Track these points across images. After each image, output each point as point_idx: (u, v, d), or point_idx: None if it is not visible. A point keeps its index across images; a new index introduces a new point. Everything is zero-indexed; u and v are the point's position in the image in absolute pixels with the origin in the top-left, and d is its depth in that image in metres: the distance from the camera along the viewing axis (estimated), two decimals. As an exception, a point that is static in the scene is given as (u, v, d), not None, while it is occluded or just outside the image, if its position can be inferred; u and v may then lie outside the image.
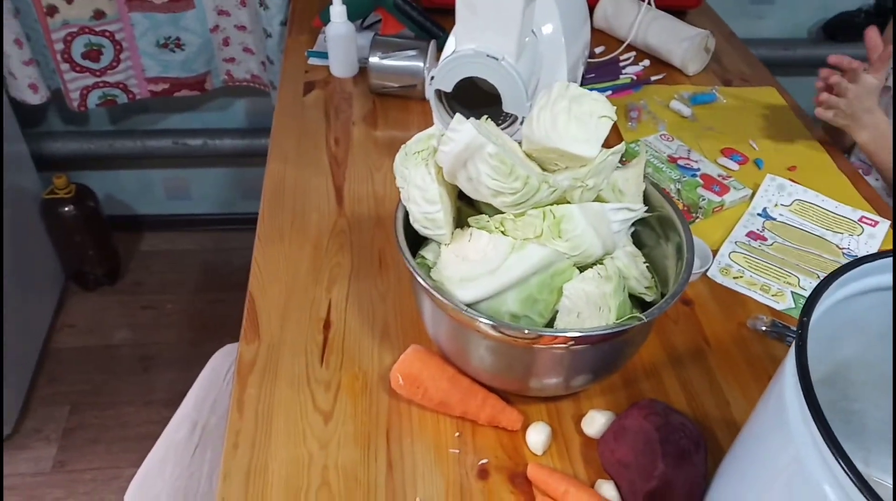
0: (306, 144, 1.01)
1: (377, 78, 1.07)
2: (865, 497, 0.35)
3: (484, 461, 0.65)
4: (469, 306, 0.59)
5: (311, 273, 0.82)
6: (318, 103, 1.09)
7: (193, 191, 1.96)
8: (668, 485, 0.57)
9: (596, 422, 0.66)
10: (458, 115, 0.57)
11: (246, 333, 0.75)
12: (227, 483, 0.62)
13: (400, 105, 0.63)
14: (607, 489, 0.61)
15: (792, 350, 0.44)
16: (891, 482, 0.62)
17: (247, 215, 1.83)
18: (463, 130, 0.56)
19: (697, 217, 0.92)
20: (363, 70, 1.14)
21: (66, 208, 1.68)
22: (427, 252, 0.67)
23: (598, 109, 0.62)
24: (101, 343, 1.75)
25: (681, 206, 0.92)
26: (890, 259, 0.51)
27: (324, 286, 0.81)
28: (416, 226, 0.64)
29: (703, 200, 0.92)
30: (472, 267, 0.60)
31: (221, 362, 1.11)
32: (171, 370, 1.68)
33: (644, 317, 0.58)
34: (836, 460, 0.37)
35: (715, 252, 0.86)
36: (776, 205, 0.93)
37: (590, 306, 0.58)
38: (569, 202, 0.61)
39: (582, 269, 0.61)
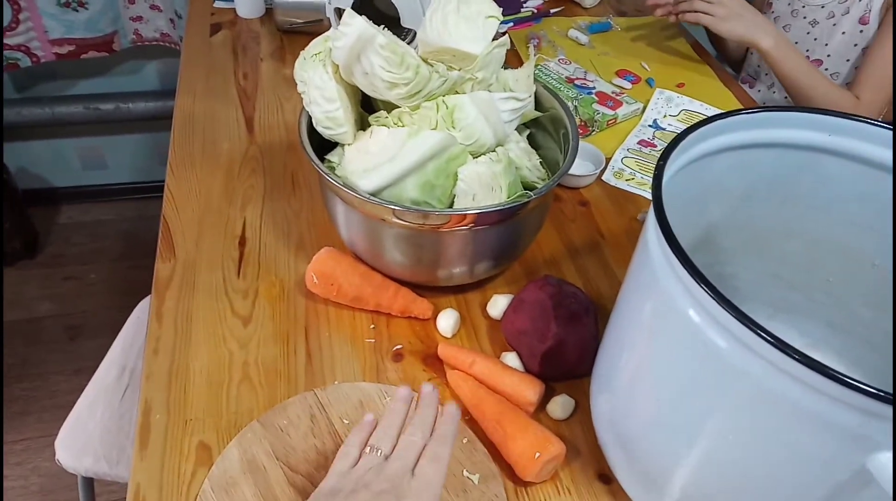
0: (215, 79, 1.02)
1: (283, 15, 1.08)
2: (725, 309, 0.40)
3: (398, 346, 0.69)
4: (372, 194, 0.63)
5: (224, 196, 0.84)
6: (226, 43, 1.10)
7: (109, 160, 1.92)
8: (561, 344, 0.63)
9: (499, 304, 0.71)
10: (348, 10, 0.60)
11: (161, 252, 0.77)
12: (150, 383, 0.65)
13: (307, 41, 0.65)
14: (510, 358, 0.66)
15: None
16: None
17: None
18: (354, 24, 0.60)
19: (593, 130, 0.98)
20: (269, 10, 1.15)
21: (-26, 181, 1.62)
22: (333, 156, 0.70)
23: (485, 9, 0.66)
24: (25, 317, 1.71)
25: (578, 121, 0.98)
26: (742, 117, 0.56)
27: (238, 207, 0.83)
28: (319, 129, 0.67)
29: (598, 114, 0.98)
30: (372, 158, 0.63)
31: (146, 309, 1.12)
32: (99, 337, 1.66)
33: (532, 194, 0.63)
34: (695, 281, 0.42)
35: (609, 159, 0.93)
36: (665, 116, 1.00)
37: (483, 187, 0.63)
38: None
39: (476, 157, 0.65)
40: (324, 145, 0.70)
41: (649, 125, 0.99)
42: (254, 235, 0.80)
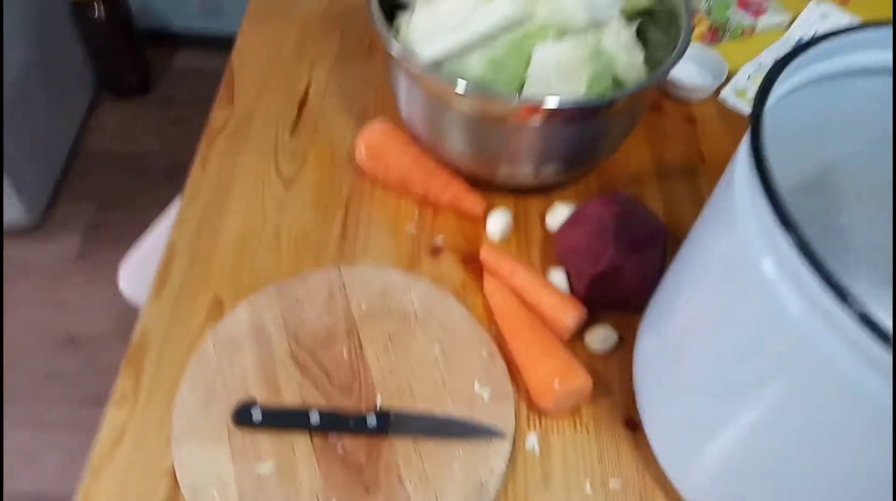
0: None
1: None
2: (810, 267, 0.32)
3: (439, 241, 0.63)
4: (433, 64, 0.55)
5: (294, 52, 0.79)
6: None
7: (227, 4, 1.91)
8: (614, 272, 0.55)
9: (558, 214, 0.63)
10: None
11: (221, 99, 0.73)
12: (180, 227, 0.63)
13: None
14: (557, 276, 0.59)
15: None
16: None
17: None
18: None
19: (723, 37, 0.84)
20: None
21: (97, 13, 1.65)
22: (402, 21, 0.62)
23: None
24: (130, 150, 1.78)
25: (707, 25, 0.84)
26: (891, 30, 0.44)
27: (306, 65, 0.77)
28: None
29: (733, 20, 0.83)
30: (438, 22, 0.55)
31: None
32: (193, 183, 1.71)
33: (617, 94, 0.53)
34: (776, 220, 0.33)
35: (733, 74, 0.79)
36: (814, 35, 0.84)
37: (559, 74, 0.54)
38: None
39: (558, 38, 0.56)
40: (393, 13, 0.62)
41: (794, 43, 0.84)
42: (316, 97, 0.74)
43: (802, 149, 0.52)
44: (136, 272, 1.01)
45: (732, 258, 0.40)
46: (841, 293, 0.30)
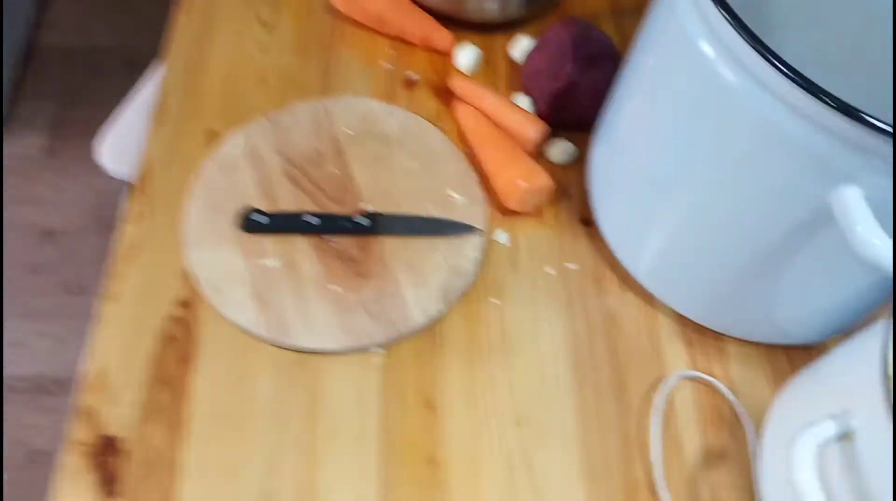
0: None
1: None
2: (746, 41, 0.38)
3: (413, 75, 0.68)
4: None
5: None
6: None
7: None
8: (572, 86, 0.61)
9: (521, 44, 0.69)
10: None
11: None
12: (171, 70, 0.67)
13: None
14: (521, 100, 0.65)
15: None
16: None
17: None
18: None
19: None
20: None
21: None
22: None
23: None
24: (85, 44, 1.76)
25: None
26: None
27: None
28: None
29: None
30: None
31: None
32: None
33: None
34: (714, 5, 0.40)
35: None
36: None
37: None
38: None
39: None
40: None
41: None
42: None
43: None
44: (117, 147, 1.04)
45: (671, 46, 0.46)
46: (769, 54, 0.37)
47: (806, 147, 0.39)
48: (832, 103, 0.36)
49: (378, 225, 0.57)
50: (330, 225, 0.57)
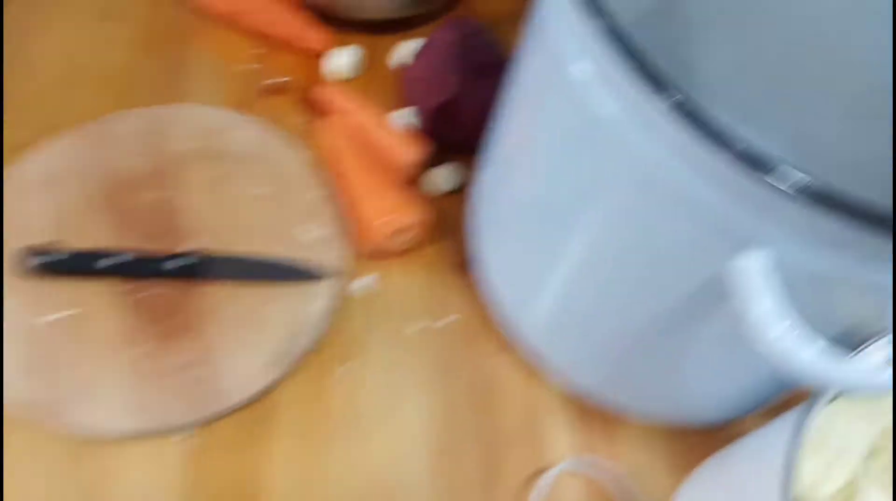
0: None
1: None
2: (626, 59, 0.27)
3: (277, 80, 0.57)
4: None
5: None
6: None
7: None
8: (458, 100, 0.50)
9: (405, 49, 0.57)
10: None
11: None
12: (-25, 66, 0.55)
13: None
14: (404, 114, 0.54)
15: None
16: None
17: None
18: None
19: None
20: None
21: None
22: None
23: None
24: None
25: None
26: None
27: None
28: None
29: None
30: None
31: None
32: None
33: None
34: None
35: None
36: None
37: None
38: None
39: None
40: None
41: None
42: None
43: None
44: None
45: (542, 69, 0.36)
46: (655, 80, 0.26)
47: (693, 200, 0.29)
48: (725, 147, 0.25)
49: (202, 269, 0.46)
50: (137, 268, 0.45)
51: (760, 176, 0.25)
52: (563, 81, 0.32)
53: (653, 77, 0.26)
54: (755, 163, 0.25)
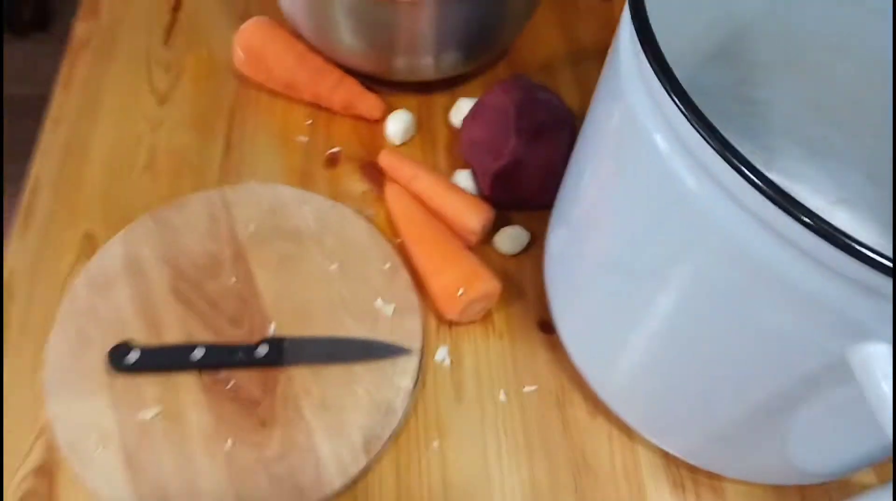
0: None
1: None
2: (705, 139, 0.27)
3: (334, 149, 0.57)
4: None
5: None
6: None
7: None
8: (519, 164, 0.50)
9: (462, 109, 0.57)
10: None
11: (84, 9, 0.65)
12: (43, 158, 0.56)
13: None
14: (462, 177, 0.54)
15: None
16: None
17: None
18: None
19: None
20: None
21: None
22: None
23: None
24: (35, 92, 1.65)
25: None
26: None
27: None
28: None
29: None
30: None
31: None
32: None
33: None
34: (668, 95, 0.28)
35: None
36: None
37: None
38: None
39: None
40: None
41: None
42: (191, -1, 0.66)
43: (706, 11, 0.46)
44: None
45: (623, 134, 0.35)
46: (729, 150, 0.26)
47: (803, 288, 0.28)
48: (825, 232, 0.24)
49: (283, 354, 0.46)
50: (223, 359, 0.46)
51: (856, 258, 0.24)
52: (645, 148, 0.32)
53: (739, 159, 0.26)
54: (849, 247, 0.24)
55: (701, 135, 0.27)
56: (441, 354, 0.48)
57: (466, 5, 0.50)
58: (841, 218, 0.55)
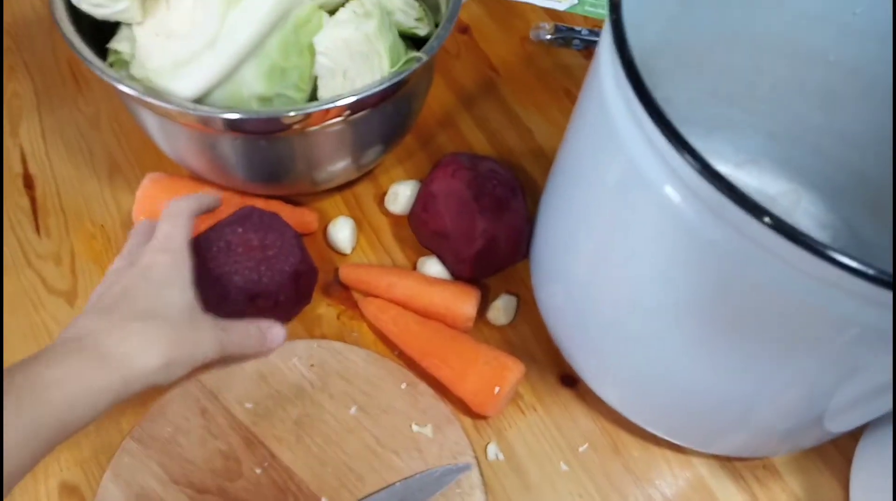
0: None
1: None
2: (723, 192, 0.29)
3: (286, 281, 0.53)
4: (197, 101, 0.43)
5: (-22, 118, 0.59)
6: None
7: None
8: (492, 242, 0.50)
9: (400, 197, 0.56)
10: None
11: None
12: None
13: None
14: (431, 265, 0.53)
15: (606, 27, 0.35)
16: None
17: None
18: None
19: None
20: None
21: None
22: (120, 43, 0.48)
23: None
24: None
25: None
26: None
27: (6, 132, 0.59)
28: (83, 7, 0.44)
29: None
30: (182, 45, 0.42)
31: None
32: None
33: (424, 55, 0.46)
34: (678, 151, 0.30)
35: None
36: None
37: (355, 59, 0.44)
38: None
39: (332, 13, 0.46)
40: (100, 27, 0.47)
41: None
42: (42, 168, 0.57)
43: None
44: None
45: (625, 186, 0.37)
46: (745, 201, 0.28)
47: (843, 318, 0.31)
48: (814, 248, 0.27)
49: (353, 525, 0.43)
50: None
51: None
52: (654, 201, 0.34)
53: (747, 203, 0.28)
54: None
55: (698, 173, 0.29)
56: (492, 451, 0.48)
57: (381, 114, 0.48)
58: (750, 173, 0.61)
